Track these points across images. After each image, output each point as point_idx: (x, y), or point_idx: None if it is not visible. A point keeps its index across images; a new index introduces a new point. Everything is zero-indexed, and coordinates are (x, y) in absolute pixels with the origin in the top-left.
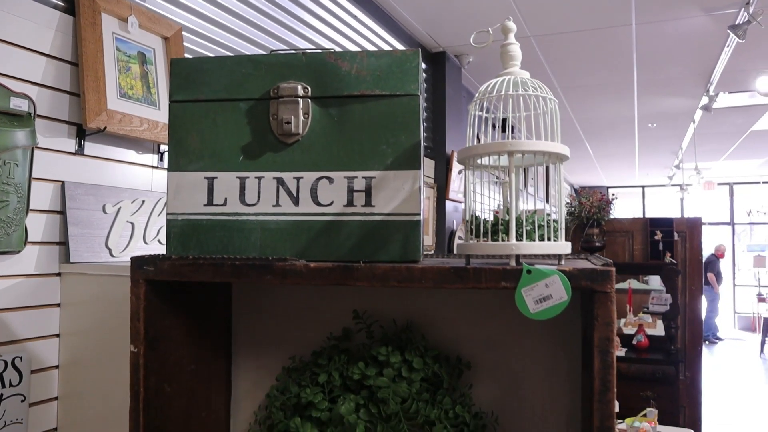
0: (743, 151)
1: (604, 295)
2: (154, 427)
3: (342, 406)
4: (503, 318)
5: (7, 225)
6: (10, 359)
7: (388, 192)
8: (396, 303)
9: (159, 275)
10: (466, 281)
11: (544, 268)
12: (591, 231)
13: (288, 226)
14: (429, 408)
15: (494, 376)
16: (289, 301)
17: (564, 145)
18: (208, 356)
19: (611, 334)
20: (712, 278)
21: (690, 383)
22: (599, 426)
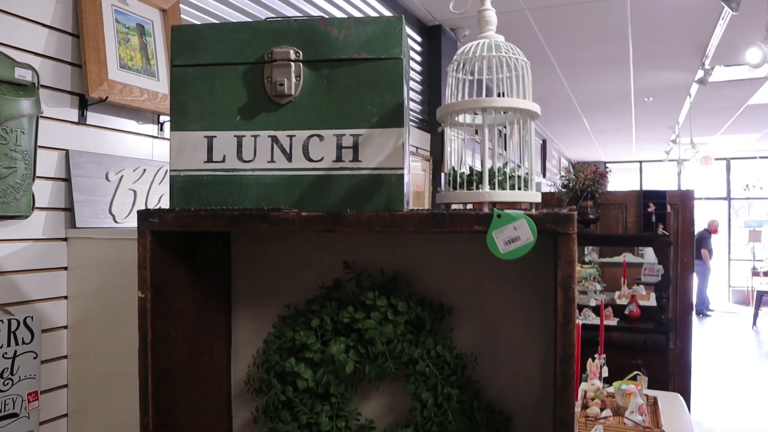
0: (740, 126)
1: (567, 236)
2: (161, 367)
3: (333, 347)
4: (483, 267)
5: (16, 190)
6: (22, 318)
7: (374, 148)
8: (383, 254)
9: (163, 226)
10: (443, 225)
11: (512, 213)
12: (585, 203)
13: (282, 180)
14: (412, 348)
15: (474, 321)
16: (284, 254)
17: (534, 103)
18: (209, 306)
19: (573, 272)
20: (705, 254)
21: (680, 352)
22: (562, 354)
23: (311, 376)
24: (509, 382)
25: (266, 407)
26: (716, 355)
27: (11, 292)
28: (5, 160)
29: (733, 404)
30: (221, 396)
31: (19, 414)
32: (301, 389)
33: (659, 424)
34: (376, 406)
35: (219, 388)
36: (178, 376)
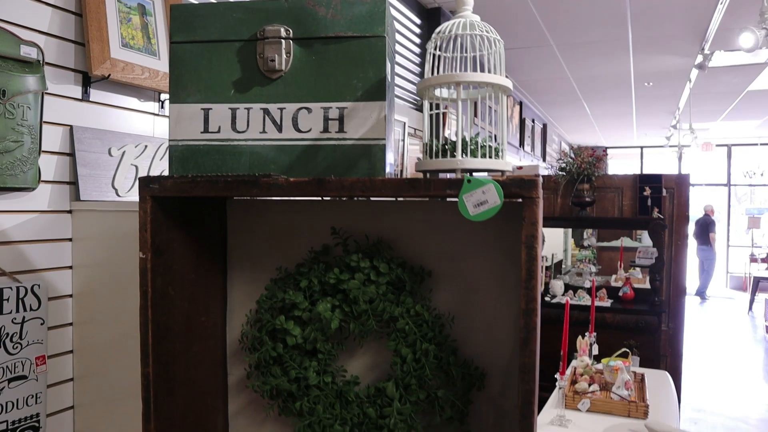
0: (740, 112)
1: (530, 200)
2: (160, 323)
3: (320, 305)
4: (461, 234)
5: (23, 163)
6: (29, 286)
7: (358, 120)
8: (369, 221)
9: (163, 192)
10: (418, 190)
11: (481, 178)
12: (582, 186)
13: (273, 149)
14: (393, 307)
15: (452, 284)
16: (276, 221)
17: (506, 78)
18: (206, 269)
19: (536, 233)
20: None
21: (672, 333)
22: (525, 308)
23: (300, 333)
24: (485, 342)
25: (258, 363)
26: (710, 339)
27: (19, 261)
28: (12, 134)
29: (722, 386)
30: (217, 353)
31: (27, 377)
32: (291, 345)
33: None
34: (361, 363)
35: (215, 346)
36: (177, 333)
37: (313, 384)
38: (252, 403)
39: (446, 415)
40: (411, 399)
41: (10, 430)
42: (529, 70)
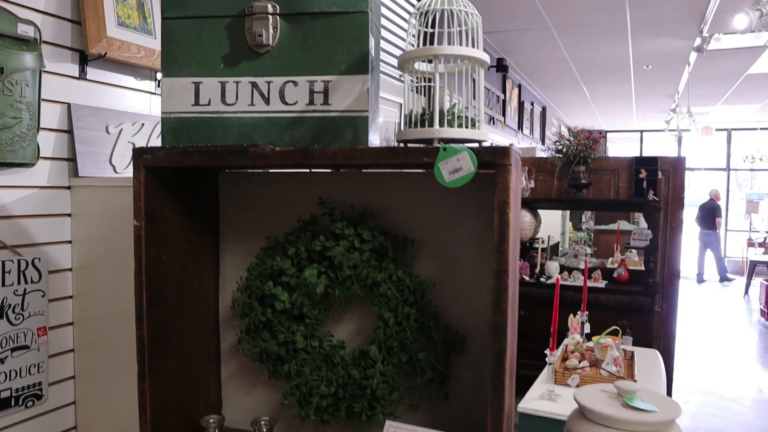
0: (740, 96)
1: (503, 167)
2: (154, 288)
3: (307, 271)
4: (444, 205)
5: (22, 139)
6: (30, 259)
7: (343, 93)
8: (355, 193)
9: (156, 162)
10: (397, 157)
11: (456, 146)
12: (578, 169)
13: (261, 121)
14: (376, 273)
15: (434, 252)
16: (266, 193)
17: (482, 52)
18: (199, 238)
19: (508, 199)
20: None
21: (666, 314)
22: (497, 269)
23: (287, 299)
24: (465, 307)
25: (248, 327)
26: (705, 321)
27: (20, 235)
28: (11, 110)
29: (716, 367)
30: (210, 319)
31: (30, 347)
32: (279, 310)
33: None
34: (347, 329)
35: (207, 312)
36: (170, 298)
37: (300, 347)
38: (244, 368)
39: (427, 376)
40: (393, 361)
41: (14, 397)
42: (528, 53)
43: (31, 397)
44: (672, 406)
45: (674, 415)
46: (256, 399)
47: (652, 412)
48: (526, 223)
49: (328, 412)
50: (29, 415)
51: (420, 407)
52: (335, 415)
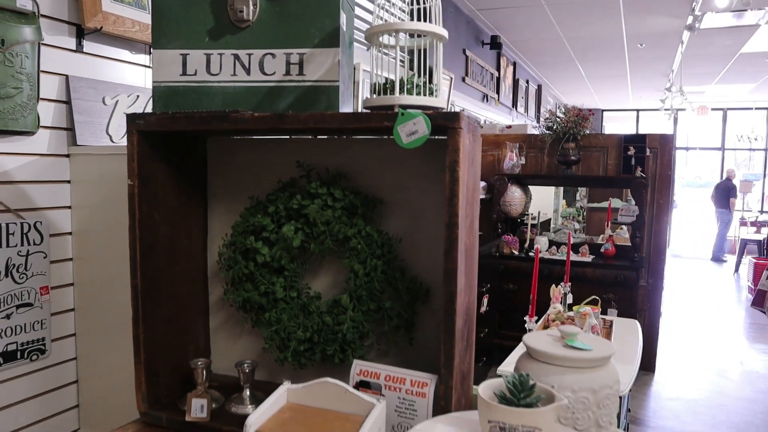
0: (734, 75)
1: (454, 130)
2: (146, 242)
3: (285, 227)
4: (409, 168)
5: (23, 108)
6: (32, 222)
7: (316, 65)
8: (329, 157)
9: (147, 127)
10: (361, 121)
11: (412, 111)
12: (567, 145)
13: (242, 90)
14: (347, 228)
15: (401, 211)
16: (250, 158)
17: (441, 28)
18: (188, 199)
19: (458, 158)
20: (733, 203)
21: (651, 289)
22: (448, 222)
23: (268, 252)
24: (429, 262)
25: (233, 279)
26: (694, 297)
27: (22, 199)
28: (12, 81)
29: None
30: (198, 273)
31: (33, 304)
32: (260, 263)
33: None
34: (323, 282)
35: (196, 267)
36: (161, 252)
37: (280, 297)
38: (230, 318)
39: (393, 323)
40: (362, 309)
41: (19, 350)
42: (521, 30)
43: (36, 352)
44: (607, 347)
45: (608, 353)
46: (241, 347)
47: (588, 351)
48: (517, 199)
49: (305, 356)
50: (34, 368)
51: (389, 353)
52: (311, 359)
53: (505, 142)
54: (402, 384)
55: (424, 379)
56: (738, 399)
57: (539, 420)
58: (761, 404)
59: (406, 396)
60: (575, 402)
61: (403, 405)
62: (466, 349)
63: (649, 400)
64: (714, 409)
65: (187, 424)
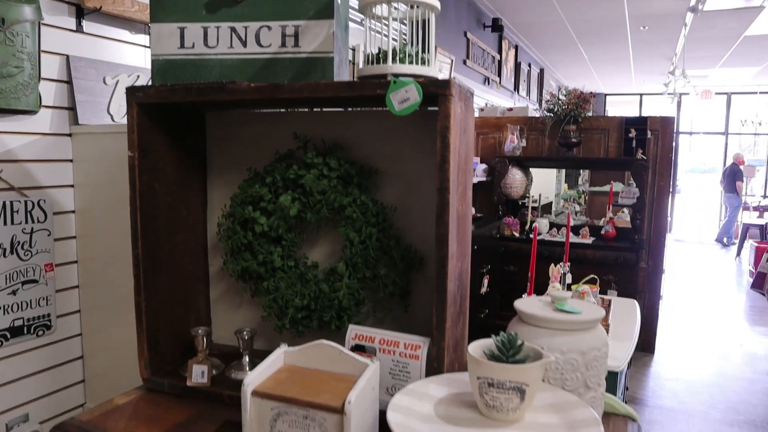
0: (738, 58)
1: (444, 96)
2: (147, 212)
3: (282, 197)
4: (405, 138)
5: (25, 87)
6: (36, 200)
7: (311, 36)
8: (326, 129)
9: (146, 99)
10: (354, 89)
11: (404, 79)
12: (568, 128)
13: (239, 62)
14: (342, 197)
15: (396, 181)
16: (249, 131)
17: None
18: (188, 172)
19: (449, 124)
20: (740, 186)
21: (651, 271)
22: (439, 187)
23: (265, 222)
24: (424, 231)
25: (232, 249)
26: (695, 280)
27: (26, 178)
28: (13, 60)
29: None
30: (198, 244)
31: (38, 281)
32: (258, 233)
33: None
34: (321, 251)
35: (196, 238)
36: (161, 223)
37: (278, 266)
38: (230, 289)
39: (389, 290)
40: (358, 276)
41: (26, 326)
42: (523, 13)
43: (41, 327)
44: (595, 310)
45: (596, 317)
46: (241, 317)
47: (577, 314)
48: (518, 181)
49: (303, 323)
50: (40, 344)
51: (385, 320)
52: (308, 326)
53: (506, 124)
54: (396, 347)
55: (417, 342)
56: (736, 379)
57: (526, 375)
58: (759, 384)
59: (400, 359)
60: (564, 363)
61: (397, 367)
62: (459, 315)
63: (648, 380)
64: (712, 389)
65: (188, 389)
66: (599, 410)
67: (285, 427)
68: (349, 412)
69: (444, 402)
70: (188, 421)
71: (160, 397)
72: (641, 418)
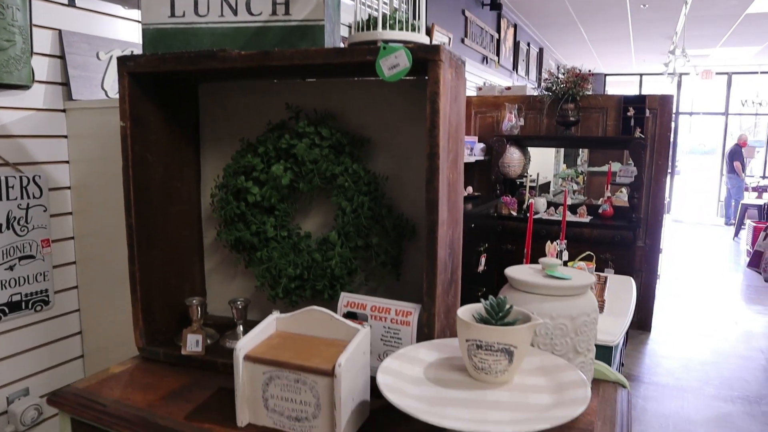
0: (739, 37)
1: (434, 62)
2: (140, 182)
3: (274, 167)
4: (397, 108)
5: (17, 61)
6: (31, 176)
7: (302, 4)
8: (318, 99)
9: (137, 68)
10: (344, 56)
11: (394, 45)
12: (566, 106)
13: (230, 30)
14: (334, 166)
15: (388, 151)
16: (241, 102)
17: None
18: (181, 143)
19: (438, 90)
20: (738, 167)
21: (648, 250)
22: (429, 152)
23: (258, 192)
24: (416, 200)
25: (225, 219)
26: (693, 260)
27: (20, 153)
28: (4, 33)
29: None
30: (192, 216)
31: (35, 256)
32: (251, 203)
33: (602, 295)
34: (313, 222)
35: (190, 209)
36: (154, 193)
37: (271, 237)
38: (224, 261)
39: (381, 259)
40: (350, 245)
41: (24, 301)
42: None
43: (39, 302)
44: (585, 277)
45: (585, 282)
46: (235, 288)
47: (566, 280)
48: (515, 160)
49: (296, 293)
50: (39, 319)
51: (377, 290)
52: (302, 296)
53: (504, 103)
54: (387, 314)
55: (408, 308)
56: (731, 356)
57: (514, 337)
58: (753, 361)
59: (391, 325)
60: (554, 328)
61: (389, 334)
62: (450, 284)
63: (644, 357)
64: (707, 366)
65: (183, 358)
66: (588, 375)
67: (277, 391)
68: (339, 375)
69: (434, 366)
70: (183, 388)
71: (155, 365)
72: (637, 394)
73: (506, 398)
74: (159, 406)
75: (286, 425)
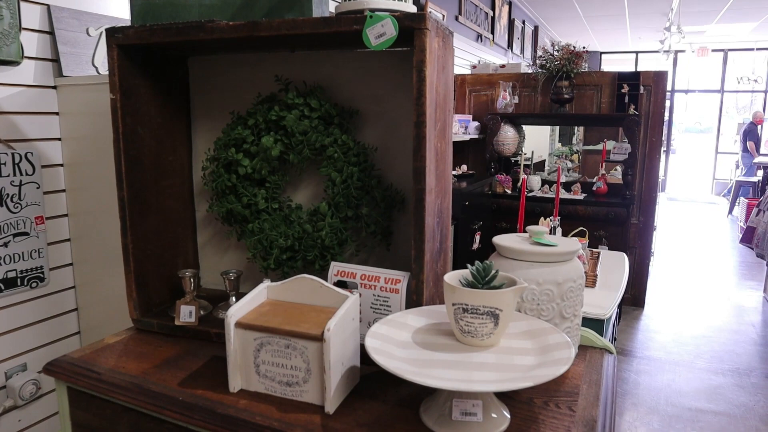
0: (736, 13)
1: (420, 30)
2: (131, 156)
3: (264, 138)
4: (386, 79)
5: (5, 37)
6: (23, 153)
7: None
8: (307, 71)
9: (126, 40)
10: (332, 25)
11: (380, 14)
12: (560, 84)
13: (218, 2)
14: (323, 137)
15: (377, 122)
16: (231, 76)
17: None
18: (172, 117)
19: (425, 58)
20: (752, 146)
21: (642, 227)
22: (416, 120)
23: (249, 164)
24: (404, 171)
25: (216, 192)
26: (687, 237)
27: (12, 130)
28: None
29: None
30: (184, 189)
31: (29, 233)
32: (242, 175)
33: (595, 271)
34: (304, 194)
35: (182, 183)
36: (146, 166)
37: (262, 209)
38: (216, 234)
39: (371, 229)
40: (340, 215)
41: (19, 277)
42: None
43: (35, 279)
44: (571, 244)
45: (571, 249)
46: (228, 260)
47: (552, 246)
48: (510, 138)
49: (287, 264)
50: (34, 295)
51: (368, 261)
52: (293, 267)
53: (499, 81)
54: (377, 282)
55: (397, 276)
56: (723, 331)
57: (500, 300)
58: (744, 335)
59: (381, 293)
60: (540, 294)
61: (378, 302)
62: (439, 252)
63: (637, 333)
64: (699, 340)
65: (176, 328)
66: (575, 340)
67: (268, 357)
68: (328, 339)
69: (421, 331)
70: (176, 357)
71: (149, 336)
72: (630, 368)
73: (492, 360)
74: (153, 374)
75: (278, 390)
